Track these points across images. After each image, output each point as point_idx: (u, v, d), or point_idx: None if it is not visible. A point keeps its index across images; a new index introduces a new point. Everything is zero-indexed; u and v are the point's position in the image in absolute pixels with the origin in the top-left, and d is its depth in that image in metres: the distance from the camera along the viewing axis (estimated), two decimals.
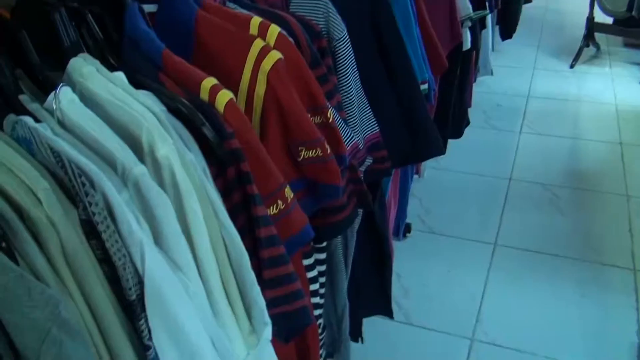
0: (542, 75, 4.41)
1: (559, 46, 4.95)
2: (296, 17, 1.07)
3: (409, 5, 1.50)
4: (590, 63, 4.62)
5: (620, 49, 4.84)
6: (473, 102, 3.00)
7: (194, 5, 0.97)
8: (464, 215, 2.84)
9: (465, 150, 3.13)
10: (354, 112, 1.15)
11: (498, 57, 4.35)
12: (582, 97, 4.07)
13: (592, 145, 3.46)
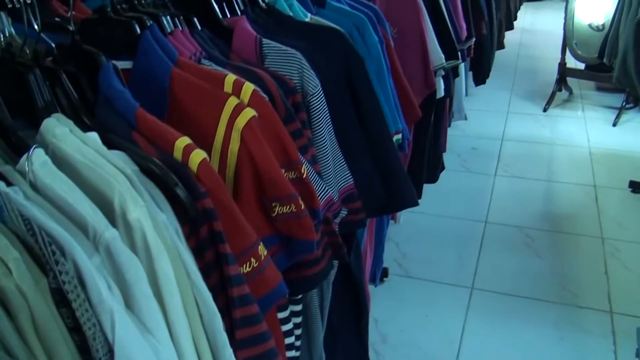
0: (515, 119, 4.50)
1: (532, 90, 5.06)
2: (271, 73, 1.09)
3: (382, 56, 1.54)
4: (563, 107, 4.73)
5: (593, 93, 4.96)
6: (448, 145, 3.04)
7: (169, 63, 0.98)
8: (441, 258, 2.85)
9: (441, 194, 3.17)
10: (328, 165, 1.17)
11: (472, 101, 4.44)
12: (556, 140, 4.15)
13: (566, 188, 3.51)
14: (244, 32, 1.18)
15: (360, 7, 1.62)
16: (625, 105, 4.42)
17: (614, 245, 2.93)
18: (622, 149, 3.96)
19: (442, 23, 2.12)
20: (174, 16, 1.11)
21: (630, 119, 4.40)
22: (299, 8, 1.41)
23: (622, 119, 4.38)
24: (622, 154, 3.89)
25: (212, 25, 1.20)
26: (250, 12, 1.31)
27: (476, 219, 3.17)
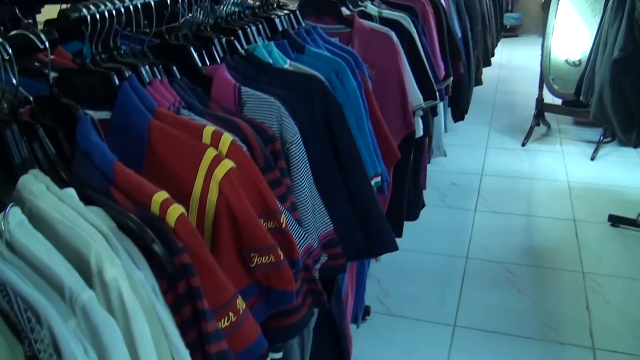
0: (494, 154, 4.55)
1: (510, 125, 5.13)
2: (250, 121, 1.10)
3: (361, 100, 1.56)
4: (541, 141, 4.79)
5: (570, 127, 5.04)
6: (428, 181, 3.07)
7: (147, 114, 0.99)
8: (423, 295, 2.85)
9: (422, 230, 3.18)
10: (307, 211, 1.17)
11: (451, 136, 4.49)
12: (535, 174, 4.20)
13: (546, 223, 3.55)
14: (223, 80, 1.20)
15: (338, 51, 1.64)
16: (602, 139, 4.49)
17: (595, 279, 2.95)
18: (601, 183, 4.01)
19: (419, 64, 2.15)
20: (153, 65, 1.12)
21: (608, 153, 4.47)
22: (278, 54, 1.43)
23: (600, 153, 4.45)
24: (601, 188, 3.95)
25: (192, 73, 1.22)
26: (229, 60, 1.32)
27: (457, 255, 3.19)
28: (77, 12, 1.00)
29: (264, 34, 1.53)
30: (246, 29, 1.45)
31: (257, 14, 1.61)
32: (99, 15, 1.03)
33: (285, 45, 1.49)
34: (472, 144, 4.72)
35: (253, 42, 1.47)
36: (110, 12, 1.06)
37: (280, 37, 1.56)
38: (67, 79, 1.05)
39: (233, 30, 1.43)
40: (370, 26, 2.00)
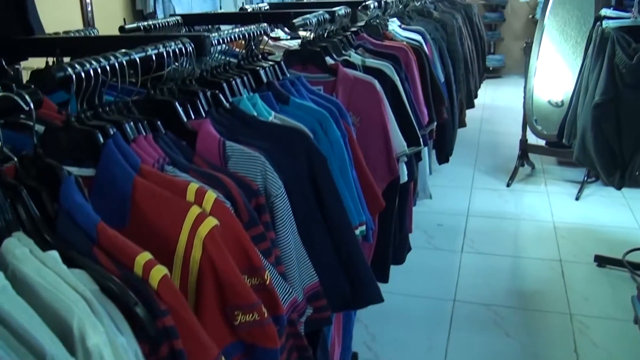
0: (480, 194, 4.59)
1: (495, 165, 5.19)
2: (234, 176, 1.11)
3: (345, 150, 1.58)
4: (526, 181, 4.84)
5: (555, 167, 5.10)
6: (414, 222, 3.08)
7: (131, 172, 1.00)
8: (411, 339, 2.84)
9: (408, 272, 3.16)
10: (292, 265, 1.18)
11: (436, 178, 4.52)
12: (520, 215, 4.23)
13: (532, 264, 3.56)
14: (208, 135, 1.21)
15: (323, 102, 1.67)
16: (586, 179, 4.54)
17: (582, 321, 2.96)
18: (586, 223, 4.05)
19: (403, 111, 2.18)
20: (138, 121, 1.14)
21: (592, 193, 4.52)
22: (262, 106, 1.45)
23: (584, 193, 4.50)
24: (586, 228, 3.98)
25: (177, 128, 1.23)
26: (214, 113, 1.34)
27: (444, 298, 3.19)
28: (62, 72, 1.02)
29: (249, 86, 1.56)
30: (231, 81, 1.48)
31: (242, 65, 1.64)
32: (84, 73, 1.05)
33: (269, 97, 1.52)
34: (458, 184, 4.75)
35: (238, 94, 1.49)
36: (96, 70, 1.07)
37: (265, 88, 1.58)
38: (52, 136, 1.06)
39: (218, 83, 1.45)
40: (354, 75, 2.03)
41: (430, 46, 3.22)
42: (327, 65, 2.04)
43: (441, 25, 3.93)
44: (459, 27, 4.52)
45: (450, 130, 3.41)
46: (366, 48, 2.40)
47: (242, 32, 1.62)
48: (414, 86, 2.53)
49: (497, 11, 9.56)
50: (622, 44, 2.85)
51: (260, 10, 3.01)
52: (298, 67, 2.04)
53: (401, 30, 3.04)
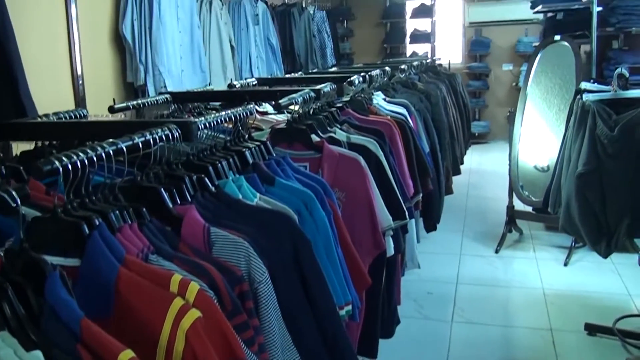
0: (469, 261, 4.60)
1: (483, 231, 5.22)
2: (218, 264, 1.13)
3: (330, 230, 1.60)
4: (514, 247, 4.87)
5: (543, 233, 5.14)
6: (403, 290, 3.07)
7: (116, 263, 1.01)
8: None
9: (398, 344, 3.13)
10: (276, 351, 1.18)
11: (424, 245, 4.51)
12: (510, 282, 4.23)
13: (523, 333, 3.55)
14: (193, 221, 1.23)
15: (308, 181, 1.70)
16: (574, 245, 4.57)
17: None
18: (575, 290, 4.05)
19: (388, 185, 2.22)
20: (123, 209, 1.16)
21: (581, 258, 4.55)
22: (247, 189, 1.48)
23: (573, 258, 4.52)
24: (576, 295, 3.98)
25: (162, 214, 1.25)
26: (200, 197, 1.37)
27: None
28: (50, 165, 1.05)
29: (235, 168, 1.59)
30: (217, 164, 1.51)
31: (229, 147, 1.67)
32: (71, 165, 1.08)
33: (255, 178, 1.55)
34: (446, 251, 4.77)
35: (224, 176, 1.52)
36: (83, 161, 1.10)
37: (251, 170, 1.62)
38: (39, 226, 1.08)
39: (204, 166, 1.48)
40: (339, 152, 2.08)
41: (414, 118, 3.29)
42: (313, 142, 2.08)
43: (425, 96, 4.03)
44: (444, 97, 4.63)
45: (437, 200, 3.45)
46: (351, 124, 2.45)
47: (228, 115, 1.66)
48: (398, 159, 2.58)
49: (481, 79, 9.83)
50: (603, 116, 2.93)
51: (249, 85, 3.09)
52: (284, 145, 2.08)
53: (385, 104, 3.11)
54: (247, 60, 6.28)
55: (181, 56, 5.05)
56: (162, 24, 4.79)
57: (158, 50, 4.75)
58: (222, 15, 5.83)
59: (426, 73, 5.22)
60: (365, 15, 10.40)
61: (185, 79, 5.05)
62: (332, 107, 2.55)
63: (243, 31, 6.28)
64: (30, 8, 4.01)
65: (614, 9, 4.58)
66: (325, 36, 8.66)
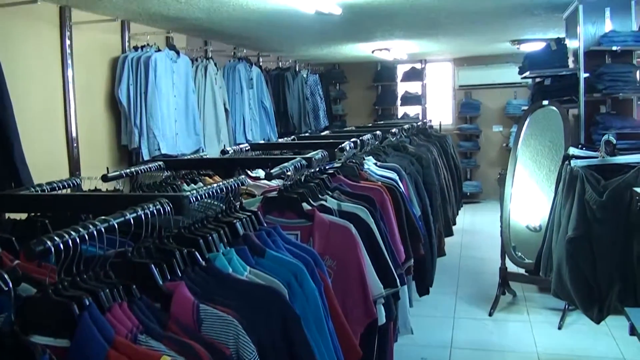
0: (463, 324, 4.56)
1: (477, 293, 5.20)
2: (206, 343, 1.13)
3: (320, 301, 1.61)
4: (508, 310, 4.84)
5: (536, 295, 5.11)
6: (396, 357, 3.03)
7: (105, 345, 1.02)
8: None
9: None
10: None
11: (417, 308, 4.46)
12: (504, 346, 4.19)
13: None
14: (182, 298, 1.24)
15: (298, 251, 1.71)
16: (568, 307, 4.54)
17: None
18: (570, 354, 4.02)
19: (379, 253, 2.23)
20: (114, 287, 1.17)
21: (575, 321, 4.52)
22: (238, 262, 1.49)
23: (567, 321, 4.49)
24: (570, 359, 3.95)
25: (152, 290, 1.26)
26: (190, 272, 1.38)
27: None
28: (42, 245, 1.06)
29: (226, 239, 1.60)
30: (207, 237, 1.52)
31: (220, 219, 1.69)
32: (63, 245, 1.09)
33: (245, 251, 1.56)
34: (440, 314, 4.74)
35: (214, 249, 1.53)
36: (75, 240, 1.12)
37: (242, 241, 1.63)
38: (30, 306, 1.09)
39: (195, 239, 1.50)
40: (330, 220, 2.10)
41: (405, 182, 3.33)
42: (304, 211, 2.10)
43: (417, 159, 4.08)
44: (435, 159, 4.69)
45: (429, 263, 3.46)
46: (342, 190, 2.48)
47: (220, 187, 1.68)
48: (389, 225, 2.60)
49: (472, 140, 9.97)
50: (592, 182, 2.98)
51: (241, 151, 3.13)
52: (276, 213, 2.10)
53: (377, 169, 3.15)
54: (241, 123, 6.37)
55: (176, 119, 5.12)
56: (157, 89, 4.87)
57: (153, 114, 4.82)
58: (216, 79, 5.94)
59: (417, 135, 5.29)
60: (357, 78, 10.62)
61: (179, 142, 5.11)
62: (323, 173, 2.58)
63: (237, 95, 6.39)
64: (27, 71, 4.09)
65: (601, 75, 4.69)
66: (318, 99, 8.81)
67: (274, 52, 8.31)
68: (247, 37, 6.63)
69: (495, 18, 5.92)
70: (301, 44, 7.66)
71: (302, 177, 2.36)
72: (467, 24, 6.33)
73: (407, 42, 7.75)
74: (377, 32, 6.71)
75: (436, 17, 5.78)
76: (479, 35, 7.32)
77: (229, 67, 6.50)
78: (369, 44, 7.70)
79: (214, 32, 6.13)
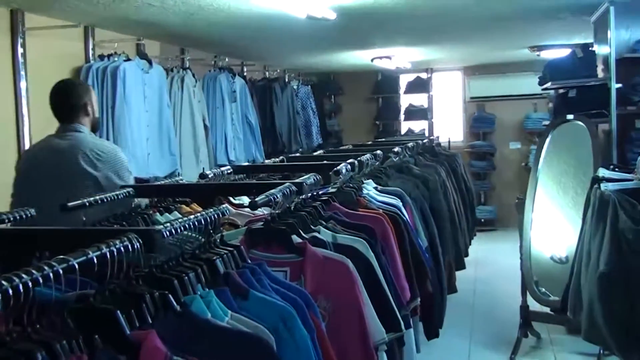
0: None
1: (494, 335, 5.16)
2: None
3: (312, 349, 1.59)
4: (532, 355, 4.80)
5: (564, 337, 5.04)
6: None
7: None
8: None
9: None
10: None
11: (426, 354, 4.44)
12: None
13: None
14: (153, 349, 1.22)
15: (287, 292, 1.70)
16: (603, 352, 4.47)
17: None
18: None
19: (380, 292, 2.22)
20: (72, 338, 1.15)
21: None
22: (217, 305, 1.47)
23: None
24: None
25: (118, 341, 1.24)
26: (162, 318, 1.36)
27: None
28: None
29: (204, 279, 1.59)
30: (183, 277, 1.51)
31: (197, 255, 1.68)
32: (12, 290, 1.07)
33: (226, 293, 1.55)
34: None
35: (191, 291, 1.51)
36: (26, 284, 1.10)
37: (222, 281, 1.62)
38: None
39: (169, 280, 1.48)
40: (323, 254, 2.09)
41: (410, 209, 3.33)
42: (294, 244, 2.09)
43: (422, 182, 4.09)
44: (443, 182, 4.70)
45: (438, 302, 3.44)
46: (338, 220, 2.47)
47: (198, 219, 1.67)
48: (392, 260, 2.59)
49: (486, 159, 9.98)
50: (626, 207, 2.95)
51: (223, 174, 3.11)
52: (261, 248, 2.09)
53: (377, 194, 3.15)
54: (222, 141, 6.37)
55: (148, 138, 5.11)
56: (126, 103, 4.87)
57: (121, 132, 4.81)
58: (195, 92, 5.95)
59: (423, 155, 5.30)
60: (354, 89, 10.67)
61: (151, 164, 5.10)
62: (316, 200, 2.58)
63: (218, 109, 6.41)
64: None
65: (636, 85, 4.68)
66: (310, 113, 8.85)
67: (260, 60, 8.36)
68: (229, 44, 6.67)
69: (511, 22, 5.94)
70: (291, 51, 7.70)
71: (292, 205, 2.35)
72: (479, 30, 6.37)
73: (411, 49, 7.81)
74: (376, 38, 6.76)
75: (442, 23, 5.82)
76: (492, 41, 7.37)
77: (208, 78, 6.53)
78: (367, 52, 7.74)
79: (192, 38, 6.15)
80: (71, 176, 3.09)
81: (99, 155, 3.12)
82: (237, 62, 7.70)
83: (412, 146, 5.07)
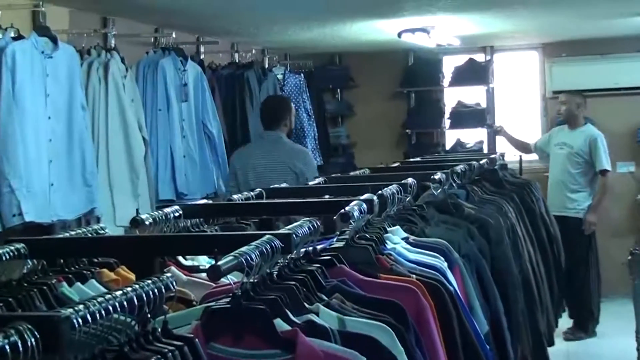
0: None
1: None
2: None
3: None
4: None
5: None
6: None
7: None
8: None
9: None
10: None
11: None
12: None
13: None
14: None
15: None
16: None
17: None
18: None
19: None
20: None
21: None
22: None
23: None
24: None
25: None
26: None
27: None
28: None
29: None
30: None
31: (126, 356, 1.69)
32: None
33: None
34: None
35: None
36: None
37: None
38: None
39: None
40: (324, 350, 2.09)
41: (459, 272, 3.34)
42: (279, 333, 2.10)
43: (479, 228, 4.09)
44: (511, 227, 4.71)
45: None
46: (347, 293, 2.48)
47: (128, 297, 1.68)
48: (432, 353, 2.60)
49: None
50: None
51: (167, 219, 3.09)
52: (228, 339, 2.09)
53: (408, 250, 3.16)
54: (166, 164, 6.31)
55: (50, 160, 5.12)
56: (16, 104, 4.88)
57: (8, 151, 4.81)
58: (125, 86, 5.89)
59: (480, 184, 5.32)
60: (372, 80, 10.63)
61: (55, 200, 5.11)
62: (313, 262, 2.59)
63: (161, 113, 6.36)
64: None
65: None
66: (303, 116, 8.77)
67: (226, 35, 8.31)
68: (177, 11, 6.65)
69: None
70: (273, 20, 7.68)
71: (276, 269, 2.37)
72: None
73: (460, 17, 7.77)
74: (406, 0, 6.74)
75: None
76: (588, 6, 7.37)
77: (146, 63, 6.51)
78: (392, 22, 7.70)
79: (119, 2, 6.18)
80: None
81: None
82: (190, 39, 7.70)
83: (462, 170, 5.08)
